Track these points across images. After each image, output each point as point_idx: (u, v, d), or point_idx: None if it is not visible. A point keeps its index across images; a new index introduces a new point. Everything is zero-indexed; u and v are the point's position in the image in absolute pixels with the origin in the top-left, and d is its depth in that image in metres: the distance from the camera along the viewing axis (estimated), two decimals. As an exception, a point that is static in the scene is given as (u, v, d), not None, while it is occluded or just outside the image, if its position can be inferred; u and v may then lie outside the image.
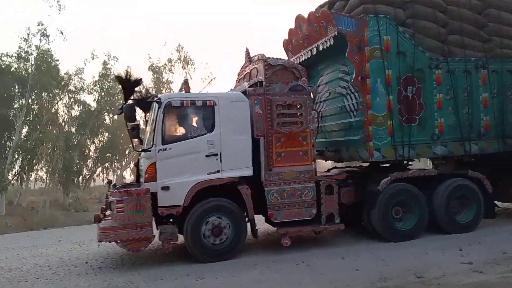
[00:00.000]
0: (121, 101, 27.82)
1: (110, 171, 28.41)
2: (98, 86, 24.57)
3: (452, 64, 7.37)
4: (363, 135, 7.03)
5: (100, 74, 24.74)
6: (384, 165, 7.98)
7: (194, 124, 6.46)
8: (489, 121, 7.55)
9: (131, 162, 23.86)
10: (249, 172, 6.53)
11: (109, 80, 24.44)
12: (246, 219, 6.58)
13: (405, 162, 7.67)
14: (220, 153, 6.37)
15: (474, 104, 7.50)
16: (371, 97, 6.91)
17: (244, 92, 6.83)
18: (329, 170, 8.61)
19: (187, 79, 7.50)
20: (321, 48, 7.48)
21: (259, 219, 6.84)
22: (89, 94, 25.38)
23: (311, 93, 6.91)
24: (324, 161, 9.06)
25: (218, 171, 6.37)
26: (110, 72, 24.42)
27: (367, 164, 8.07)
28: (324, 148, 8.47)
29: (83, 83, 24.33)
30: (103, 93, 24.65)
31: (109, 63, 24.79)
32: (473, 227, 7.41)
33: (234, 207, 6.43)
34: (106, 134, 26.72)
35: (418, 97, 7.21)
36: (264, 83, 6.70)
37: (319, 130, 8.55)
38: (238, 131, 6.48)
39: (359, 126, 7.23)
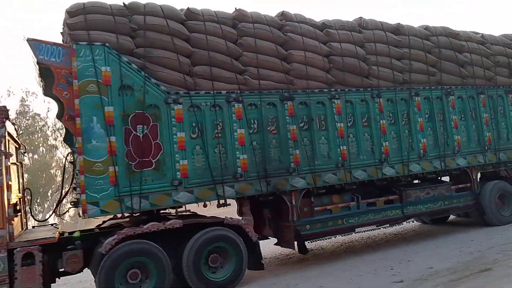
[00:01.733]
0: (41, 139, 25.05)
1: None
2: (15, 124, 21.87)
3: (196, 99, 6.48)
4: (76, 187, 5.77)
5: (18, 111, 23.20)
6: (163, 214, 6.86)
7: None
8: (247, 160, 6.74)
9: (53, 204, 22.39)
10: None
11: (27, 118, 23.46)
12: None
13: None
14: None
15: (228, 142, 6.64)
16: (83, 139, 5.69)
17: None
18: (104, 222, 7.29)
19: None
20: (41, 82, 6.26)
21: None
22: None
23: (2, 138, 5.52)
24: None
25: None
26: (29, 109, 23.58)
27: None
28: None
29: None
30: (20, 132, 22.24)
31: (27, 100, 23.47)
32: (233, 283, 6.39)
33: None
34: (26, 175, 23.73)
35: (153, 137, 6.15)
36: None
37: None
38: None
39: (81, 175, 5.97)
